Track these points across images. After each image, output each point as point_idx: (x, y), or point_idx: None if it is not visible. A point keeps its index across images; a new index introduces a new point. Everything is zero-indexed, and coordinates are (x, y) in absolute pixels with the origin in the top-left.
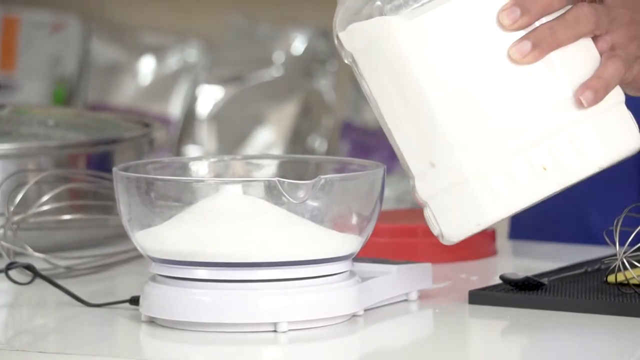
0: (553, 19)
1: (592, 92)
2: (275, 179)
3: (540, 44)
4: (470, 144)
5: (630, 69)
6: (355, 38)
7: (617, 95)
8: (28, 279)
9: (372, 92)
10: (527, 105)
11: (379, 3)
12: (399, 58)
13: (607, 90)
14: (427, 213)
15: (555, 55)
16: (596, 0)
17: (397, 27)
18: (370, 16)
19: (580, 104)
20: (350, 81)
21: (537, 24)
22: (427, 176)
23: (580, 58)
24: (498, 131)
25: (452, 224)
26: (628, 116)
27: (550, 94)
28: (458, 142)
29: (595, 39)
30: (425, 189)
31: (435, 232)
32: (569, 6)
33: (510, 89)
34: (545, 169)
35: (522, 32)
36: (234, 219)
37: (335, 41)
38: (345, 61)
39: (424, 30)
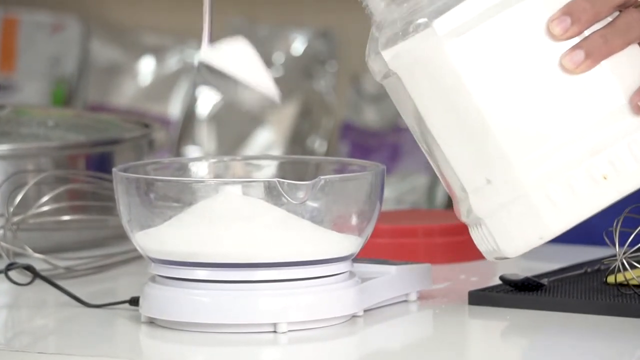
0: (604, 27)
1: None
2: (275, 179)
3: (593, 53)
4: (527, 157)
5: None
6: (402, 57)
7: None
8: (28, 279)
9: (420, 111)
10: (582, 115)
11: (425, 19)
12: (450, 75)
13: None
14: (479, 231)
15: (607, 63)
16: None
17: (446, 44)
18: (416, 32)
19: (637, 110)
20: (350, 82)
21: (586, 32)
22: (483, 193)
23: (631, 64)
24: (555, 143)
25: (512, 239)
26: None
27: (605, 102)
28: (514, 156)
29: None
30: (481, 206)
31: (484, 248)
32: (616, 13)
33: (565, 99)
34: (605, 178)
35: (573, 42)
36: (233, 220)
37: (371, 61)
38: (380, 80)
39: (474, 46)
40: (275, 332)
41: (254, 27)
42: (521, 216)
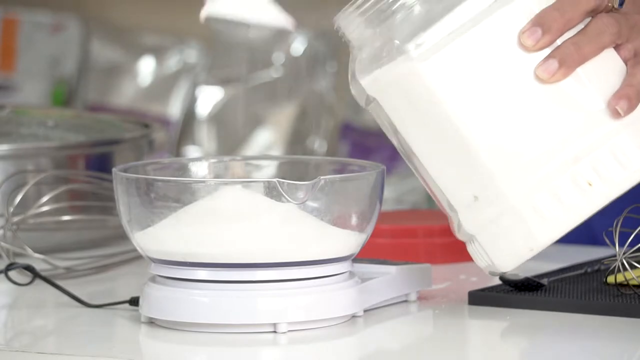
0: (575, 34)
1: (626, 100)
2: (275, 179)
3: (567, 61)
4: (511, 171)
5: None
6: (378, 83)
7: None
8: (28, 279)
9: (402, 133)
10: (562, 124)
11: (397, 42)
12: (427, 96)
13: (639, 97)
14: (473, 247)
15: (582, 70)
16: (613, 9)
17: (420, 65)
18: (390, 58)
19: (616, 114)
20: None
21: (558, 41)
22: (471, 210)
23: (606, 69)
24: (537, 154)
25: (503, 253)
26: None
27: (583, 108)
28: (498, 171)
29: (617, 48)
30: (470, 222)
31: (482, 264)
32: (588, 19)
33: (543, 110)
34: (590, 185)
35: (546, 52)
36: (233, 220)
37: (352, 88)
38: (365, 106)
39: (448, 65)
40: (275, 332)
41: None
42: (510, 230)
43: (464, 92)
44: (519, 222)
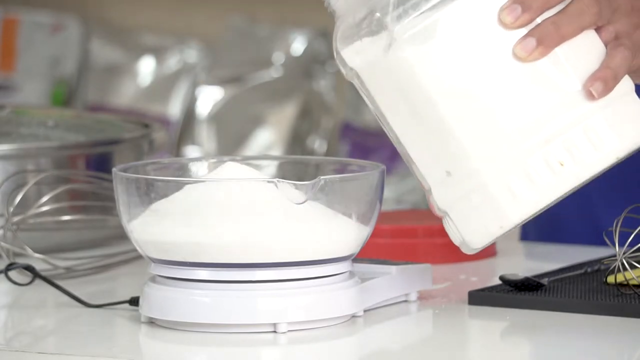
0: (555, 14)
1: (601, 82)
2: (275, 179)
3: (545, 40)
4: (484, 148)
5: (637, 57)
6: (358, 56)
7: (626, 85)
8: (28, 279)
9: (380, 107)
10: (537, 103)
11: (378, 15)
12: (403, 70)
13: (616, 79)
14: (447, 223)
15: (560, 50)
16: None
17: (399, 41)
18: (370, 29)
19: (591, 96)
20: (349, 82)
21: (538, 20)
22: (444, 185)
23: (585, 50)
24: (511, 132)
25: (474, 230)
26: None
27: (559, 89)
28: (472, 148)
29: (598, 29)
30: (443, 198)
31: (457, 241)
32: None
33: (519, 88)
34: (562, 165)
35: (525, 30)
36: (233, 220)
37: (336, 56)
38: (346, 77)
39: (426, 40)
40: (275, 332)
41: (254, 27)
42: (481, 206)
43: (442, 67)
44: (490, 199)
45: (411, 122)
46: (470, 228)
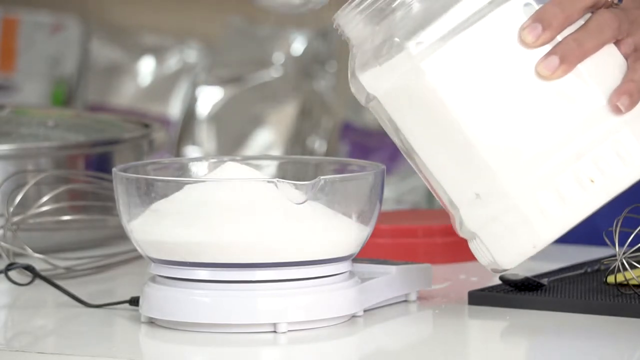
0: (576, 30)
1: (627, 96)
2: (275, 179)
3: (568, 57)
4: (512, 168)
5: None
6: (379, 81)
7: None
8: (28, 279)
9: (403, 131)
10: (564, 120)
11: (397, 40)
12: (428, 93)
13: None
14: (476, 244)
15: (583, 66)
16: (613, 5)
17: (422, 63)
18: (390, 55)
19: (617, 110)
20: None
21: (559, 37)
22: (473, 207)
23: (607, 65)
24: (539, 151)
25: (505, 251)
26: None
27: (585, 105)
28: (500, 169)
29: (617, 43)
30: (473, 220)
31: (485, 261)
32: (588, 15)
33: (544, 107)
34: (592, 181)
35: (547, 48)
36: (233, 220)
37: (352, 85)
38: (365, 104)
39: (449, 62)
40: (275, 332)
41: (254, 27)
42: (513, 227)
43: (465, 90)
44: (521, 219)
45: (437, 146)
46: (501, 249)
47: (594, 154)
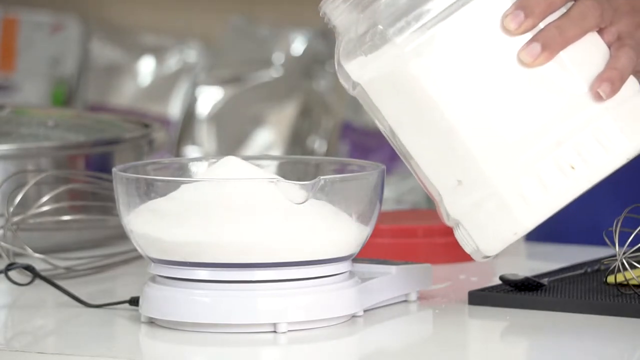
0: (558, 18)
1: (608, 83)
2: (275, 179)
3: (550, 44)
4: (494, 155)
5: None
6: (363, 70)
7: (633, 85)
8: (28, 279)
9: (387, 119)
10: (545, 107)
11: (380, 27)
12: (410, 81)
13: (622, 80)
14: (459, 232)
15: (565, 54)
16: None
17: (403, 50)
18: (373, 43)
19: (598, 98)
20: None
21: (541, 25)
22: (455, 194)
23: (590, 52)
24: (520, 137)
25: (488, 237)
26: None
27: (566, 92)
28: (482, 155)
29: (600, 31)
30: (455, 207)
31: (469, 249)
32: (570, 3)
33: (526, 93)
34: (573, 168)
35: (529, 36)
36: (233, 220)
37: (338, 74)
38: (349, 91)
39: (431, 50)
40: (275, 332)
41: (254, 27)
42: (494, 214)
43: (448, 77)
44: (502, 206)
45: (420, 133)
46: (483, 236)
47: (575, 140)
